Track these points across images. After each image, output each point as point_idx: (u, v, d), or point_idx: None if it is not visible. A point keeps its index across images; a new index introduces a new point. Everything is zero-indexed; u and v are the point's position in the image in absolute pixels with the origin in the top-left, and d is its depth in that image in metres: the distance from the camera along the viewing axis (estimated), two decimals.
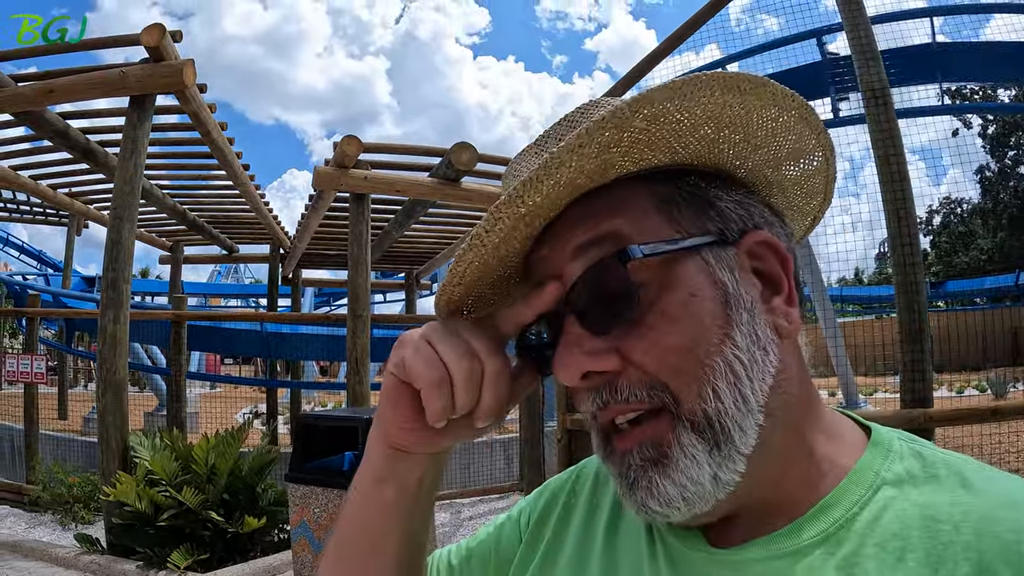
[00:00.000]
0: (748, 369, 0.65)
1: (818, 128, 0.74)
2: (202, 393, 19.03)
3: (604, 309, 0.67)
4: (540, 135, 0.81)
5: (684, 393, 0.65)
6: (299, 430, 5.10)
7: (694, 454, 0.64)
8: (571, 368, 0.67)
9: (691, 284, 0.67)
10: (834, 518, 0.65)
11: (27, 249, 28.77)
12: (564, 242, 0.70)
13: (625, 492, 0.68)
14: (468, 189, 9.06)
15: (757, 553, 0.67)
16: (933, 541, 0.60)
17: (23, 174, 11.20)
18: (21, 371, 9.57)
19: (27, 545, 7.04)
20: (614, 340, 0.66)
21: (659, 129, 0.67)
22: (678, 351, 0.65)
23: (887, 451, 0.70)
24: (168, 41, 7.02)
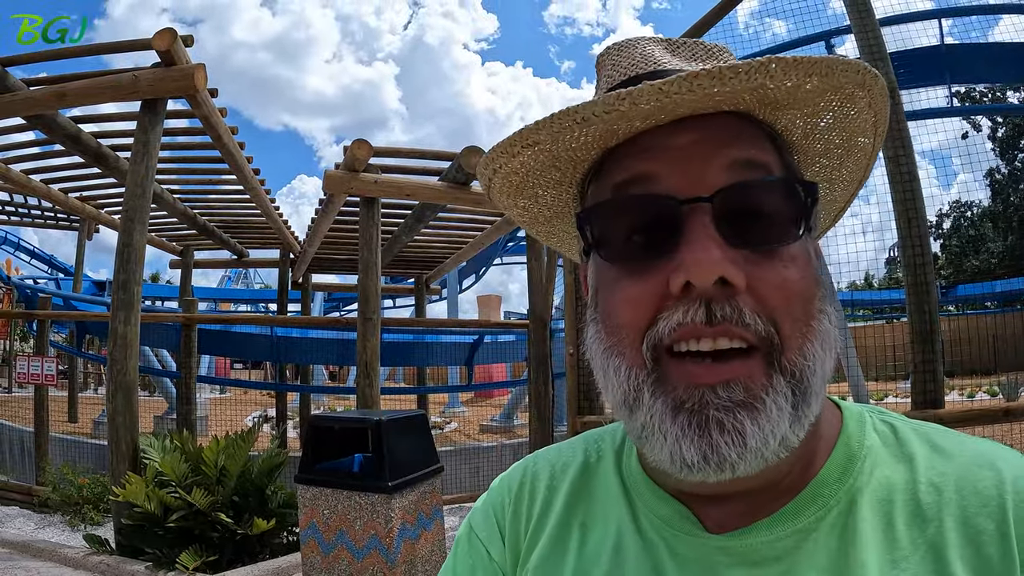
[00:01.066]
0: (830, 343, 0.65)
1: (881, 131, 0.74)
2: (211, 397, 19.10)
3: (756, 226, 0.64)
4: (671, 38, 0.80)
5: (790, 341, 0.63)
6: (309, 432, 5.11)
7: (782, 406, 0.61)
8: (713, 266, 0.61)
9: (810, 246, 0.69)
10: (830, 494, 0.68)
11: (38, 253, 28.91)
12: (715, 144, 0.66)
13: (686, 432, 0.62)
14: (478, 193, 9.07)
15: (764, 536, 0.67)
16: (917, 505, 0.65)
17: (35, 178, 11.28)
18: (32, 373, 9.62)
19: (37, 545, 7.06)
20: (743, 259, 0.63)
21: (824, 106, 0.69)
22: (799, 298, 0.64)
23: (862, 425, 0.74)
24: (179, 45, 7.06)
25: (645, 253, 0.66)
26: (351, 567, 4.65)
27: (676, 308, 0.63)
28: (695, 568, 0.69)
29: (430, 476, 5.09)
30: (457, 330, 14.34)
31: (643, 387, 0.64)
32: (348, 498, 4.71)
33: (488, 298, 33.62)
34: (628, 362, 0.66)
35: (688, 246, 0.62)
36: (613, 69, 0.77)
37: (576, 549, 0.78)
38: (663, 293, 0.64)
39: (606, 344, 0.68)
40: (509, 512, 0.88)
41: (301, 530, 4.94)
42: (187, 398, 9.77)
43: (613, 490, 0.81)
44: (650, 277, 0.65)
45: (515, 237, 21.46)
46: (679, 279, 0.62)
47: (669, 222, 0.64)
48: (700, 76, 0.59)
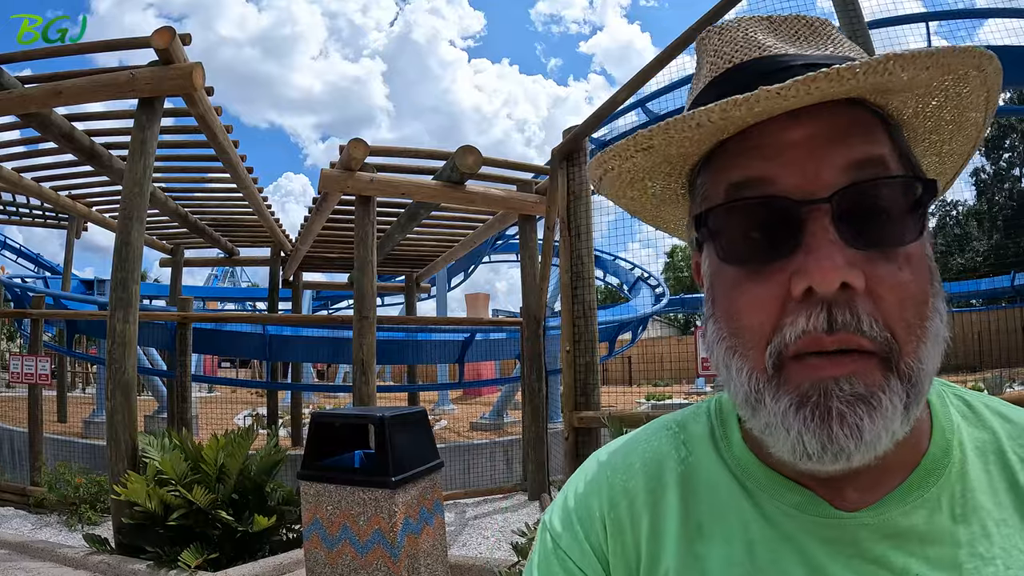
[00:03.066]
0: (939, 343, 0.67)
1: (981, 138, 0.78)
2: (199, 397, 19.06)
3: (874, 227, 0.65)
4: (771, 17, 0.78)
5: (907, 346, 0.64)
6: (312, 429, 5.15)
7: (896, 405, 0.63)
8: (836, 272, 0.61)
9: (927, 244, 0.69)
10: (944, 467, 0.72)
11: (24, 252, 28.71)
12: (830, 142, 0.66)
13: (808, 424, 0.63)
14: (472, 192, 9.13)
15: (898, 508, 0.70)
16: (1006, 466, 0.72)
17: (26, 176, 11.24)
18: (25, 372, 9.59)
19: (35, 546, 7.06)
20: (862, 261, 0.63)
21: (938, 85, 0.70)
22: (917, 300, 0.65)
23: (944, 400, 0.78)
24: (178, 43, 7.07)
25: (764, 256, 0.66)
26: (355, 562, 4.69)
27: (799, 314, 0.63)
28: (842, 547, 0.70)
29: (431, 471, 5.13)
30: (449, 328, 14.37)
31: (764, 391, 0.66)
32: (351, 494, 4.75)
33: (476, 296, 33.63)
34: (750, 365, 0.67)
35: (810, 251, 0.63)
36: (716, 56, 0.77)
37: (709, 552, 0.75)
38: (784, 296, 0.65)
39: (728, 344, 0.69)
40: (607, 524, 0.82)
41: (304, 526, 4.98)
42: (183, 396, 9.78)
43: (724, 484, 0.79)
44: (770, 280, 0.66)
45: (504, 235, 21.50)
46: (801, 284, 0.63)
47: (788, 225, 0.65)
48: (818, 79, 0.60)
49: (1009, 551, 0.67)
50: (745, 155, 0.69)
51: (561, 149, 6.43)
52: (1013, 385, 18.78)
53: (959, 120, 0.75)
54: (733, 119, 0.65)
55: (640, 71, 5.74)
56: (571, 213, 6.20)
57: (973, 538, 0.68)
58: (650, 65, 5.65)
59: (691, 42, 6.01)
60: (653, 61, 5.63)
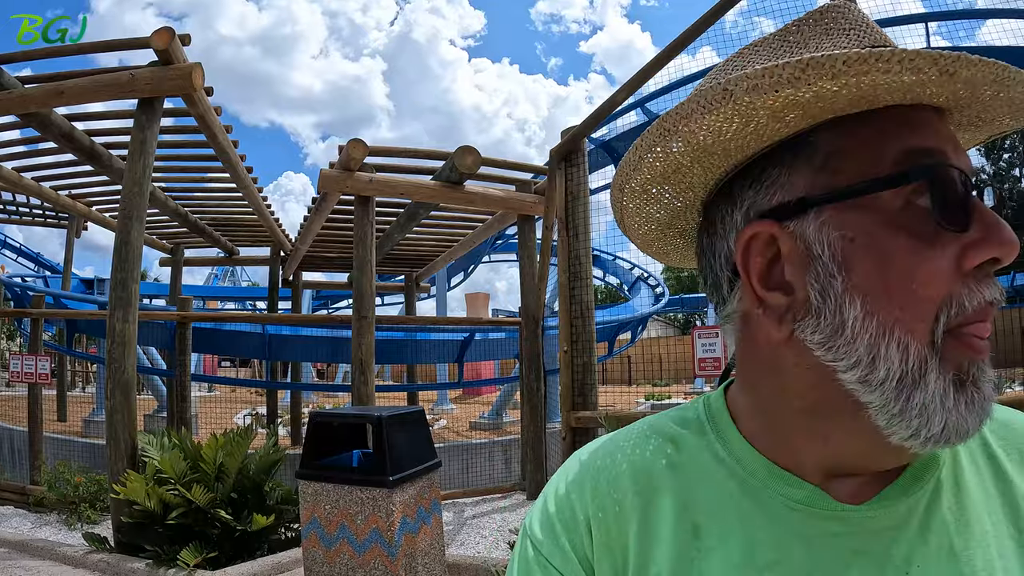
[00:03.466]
0: None
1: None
2: (199, 396, 19.09)
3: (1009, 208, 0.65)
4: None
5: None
6: (310, 428, 5.17)
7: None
8: (1016, 244, 0.63)
9: None
10: (935, 463, 0.74)
11: (24, 251, 28.74)
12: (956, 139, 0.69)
13: (970, 405, 0.63)
14: (471, 192, 9.15)
15: (902, 499, 0.71)
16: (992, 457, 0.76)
17: (26, 176, 11.26)
18: (26, 371, 9.62)
19: (35, 544, 7.09)
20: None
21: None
22: None
23: None
24: (177, 44, 7.09)
25: (942, 226, 0.63)
26: (353, 560, 4.72)
27: (976, 286, 0.63)
28: (847, 540, 0.70)
29: (429, 471, 5.15)
30: (448, 328, 14.39)
31: (929, 367, 0.63)
32: (350, 493, 4.78)
33: (476, 296, 33.63)
34: (917, 339, 0.63)
35: (989, 224, 0.63)
36: (860, 30, 0.72)
37: (707, 553, 0.74)
38: (955, 268, 0.62)
39: (886, 315, 0.63)
40: (591, 527, 0.80)
41: (303, 525, 5.00)
42: (182, 396, 9.80)
43: (721, 481, 0.77)
44: (943, 252, 0.63)
45: (504, 235, 21.51)
46: (982, 254, 0.62)
47: (966, 198, 0.63)
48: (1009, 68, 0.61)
49: (1000, 538, 0.70)
50: (918, 126, 0.66)
51: (559, 150, 6.45)
52: (1013, 386, 18.72)
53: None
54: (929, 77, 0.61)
55: (639, 72, 5.74)
56: (569, 213, 6.22)
57: (968, 525, 0.70)
58: (648, 66, 5.66)
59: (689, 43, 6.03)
60: (652, 62, 5.64)
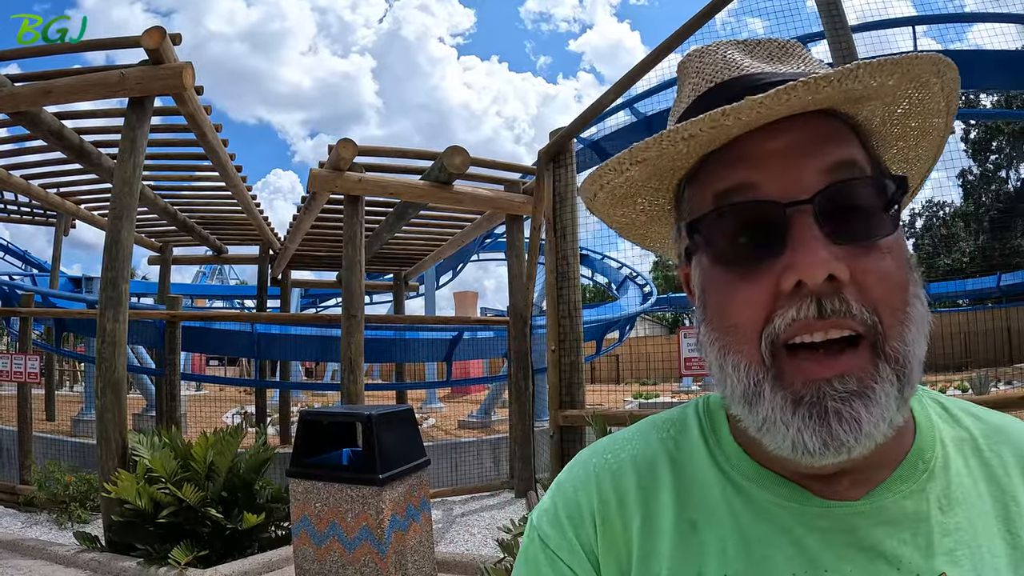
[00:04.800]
0: (923, 327, 0.71)
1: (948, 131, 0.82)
2: (188, 395, 19.05)
3: (854, 223, 0.69)
4: (745, 40, 0.85)
5: (892, 329, 0.68)
6: (300, 427, 5.21)
7: (889, 392, 0.67)
8: (823, 265, 0.66)
9: (903, 237, 0.74)
10: (929, 459, 0.77)
11: (12, 249, 28.54)
12: (809, 148, 0.71)
13: (807, 423, 0.67)
14: (460, 192, 9.18)
15: (889, 497, 0.74)
16: (984, 462, 0.78)
17: (14, 173, 11.23)
18: (14, 371, 9.60)
19: (26, 544, 7.09)
20: (845, 254, 0.68)
21: (902, 94, 0.75)
22: (899, 287, 0.70)
23: (921, 400, 0.83)
24: (168, 43, 7.10)
25: (754, 256, 0.70)
26: (343, 558, 4.76)
27: (789, 305, 0.68)
28: (836, 535, 0.73)
29: (418, 469, 5.20)
30: (437, 327, 14.41)
31: (763, 383, 0.69)
32: (340, 491, 4.82)
33: (464, 295, 33.65)
34: (747, 359, 0.71)
35: (797, 248, 0.68)
36: (698, 76, 0.82)
37: (704, 547, 0.77)
38: (775, 292, 0.69)
39: (721, 343, 0.73)
40: (596, 521, 0.83)
41: (293, 523, 5.03)
42: (171, 394, 9.80)
43: (714, 480, 0.81)
44: (761, 278, 0.69)
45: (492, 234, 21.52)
46: (791, 279, 0.67)
47: (775, 226, 0.69)
48: (797, 88, 0.65)
49: (991, 538, 0.72)
50: (730, 166, 0.73)
51: (547, 150, 6.48)
52: (998, 385, 18.87)
53: (924, 127, 0.80)
54: (722, 128, 0.69)
55: (628, 73, 5.77)
56: (557, 213, 6.25)
57: (960, 526, 0.72)
58: (638, 67, 5.69)
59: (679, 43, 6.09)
60: (640, 63, 5.67)
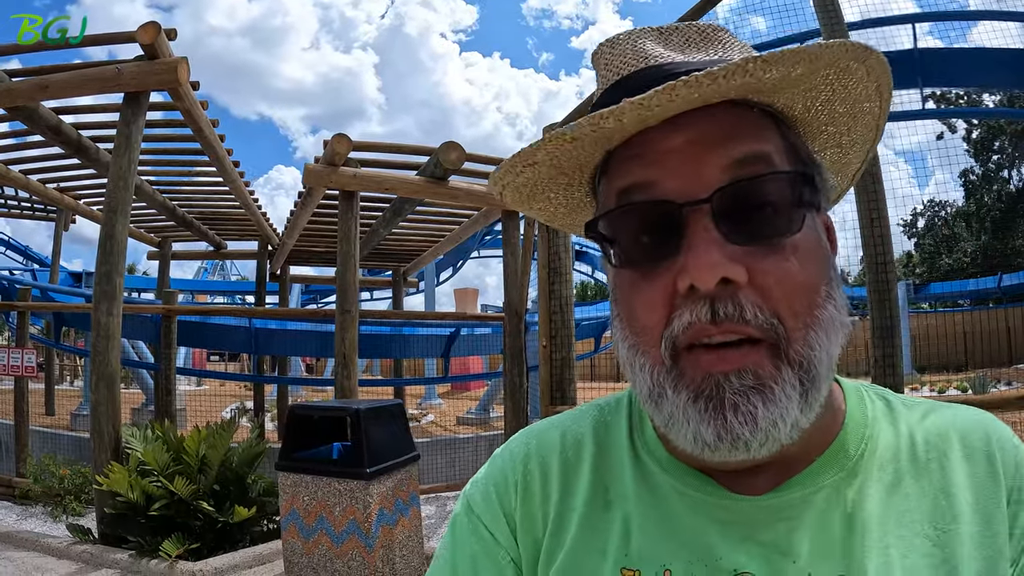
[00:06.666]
0: (837, 329, 0.69)
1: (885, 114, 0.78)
2: (187, 390, 19.07)
3: (755, 222, 0.67)
4: (664, 27, 0.80)
5: (795, 333, 0.66)
6: (290, 421, 5.23)
7: (790, 394, 0.65)
8: (714, 269, 0.64)
9: (816, 231, 0.72)
10: (849, 456, 0.75)
11: (12, 244, 28.56)
12: (711, 143, 0.68)
13: (703, 415, 0.66)
14: (456, 188, 9.18)
15: (795, 493, 0.73)
16: (918, 458, 0.75)
17: (13, 168, 11.26)
18: (12, 365, 9.63)
19: (19, 536, 7.11)
20: (744, 255, 0.66)
21: (821, 82, 0.72)
22: (803, 289, 0.67)
23: (861, 397, 0.81)
24: (163, 39, 7.13)
25: (652, 257, 0.69)
26: (331, 551, 4.78)
27: (684, 308, 0.66)
28: (735, 528, 0.73)
29: (407, 464, 5.22)
30: (434, 322, 14.42)
31: (665, 383, 0.69)
32: (328, 484, 4.84)
33: (465, 291, 33.64)
34: (651, 360, 0.70)
35: (690, 250, 0.66)
36: (607, 69, 0.79)
37: (610, 527, 0.79)
38: (672, 293, 0.67)
39: (630, 342, 0.72)
40: (519, 490, 0.85)
41: (282, 516, 5.06)
42: (167, 389, 9.83)
43: (628, 465, 0.82)
44: (659, 280, 0.68)
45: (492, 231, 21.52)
46: (684, 282, 0.66)
47: (671, 226, 0.68)
48: (677, 87, 0.62)
49: (909, 537, 0.70)
50: (630, 162, 0.71)
51: None
52: (998, 385, 18.83)
53: (853, 111, 0.77)
54: (605, 131, 0.68)
55: None
56: None
57: (869, 525, 0.70)
58: None
59: None
60: None
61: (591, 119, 0.66)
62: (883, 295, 4.72)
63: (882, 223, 4.84)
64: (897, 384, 4.65)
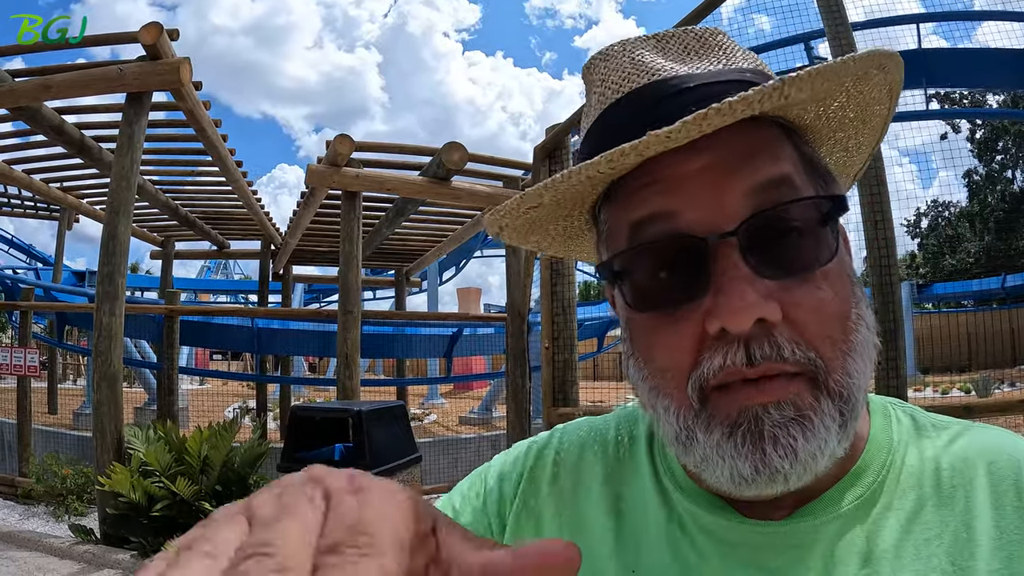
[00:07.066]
0: (870, 352, 0.66)
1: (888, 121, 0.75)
2: (190, 389, 19.08)
3: (786, 254, 0.63)
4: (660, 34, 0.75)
5: (833, 362, 0.62)
6: (291, 422, 5.23)
7: (829, 425, 0.62)
8: (751, 309, 0.59)
9: (843, 254, 0.67)
10: (867, 483, 0.70)
11: (16, 243, 28.56)
12: (733, 166, 0.64)
13: (740, 449, 0.62)
14: (458, 188, 9.18)
15: (808, 521, 0.68)
16: (942, 486, 0.69)
17: (16, 168, 11.27)
18: (14, 364, 9.64)
19: (22, 536, 7.13)
20: (776, 289, 0.61)
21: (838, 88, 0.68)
22: (839, 316, 0.63)
23: (888, 417, 0.76)
24: (165, 39, 7.14)
25: (676, 298, 0.64)
26: None
27: (716, 351, 0.62)
28: (742, 551, 0.70)
29: (409, 465, 5.21)
30: (437, 323, 14.42)
31: (695, 426, 0.64)
32: None
33: (468, 291, 33.62)
34: (676, 403, 0.65)
35: (720, 291, 0.61)
36: (603, 84, 0.74)
37: (612, 532, 0.77)
38: (701, 335, 0.63)
39: (651, 384, 0.68)
40: (523, 476, 0.85)
41: None
42: (169, 389, 9.84)
43: (647, 478, 0.79)
44: (685, 321, 0.64)
45: None
46: (715, 325, 0.61)
47: (696, 263, 0.63)
48: (709, 115, 0.57)
49: (926, 571, 0.65)
50: (645, 190, 0.66)
51: (543, 147, 6.48)
52: (1002, 387, 18.75)
53: (863, 116, 0.73)
54: (624, 167, 0.63)
55: None
56: None
57: (883, 557, 0.66)
58: None
59: None
60: None
61: (610, 158, 0.61)
62: (887, 297, 4.69)
63: (886, 225, 4.82)
64: (900, 387, 4.62)
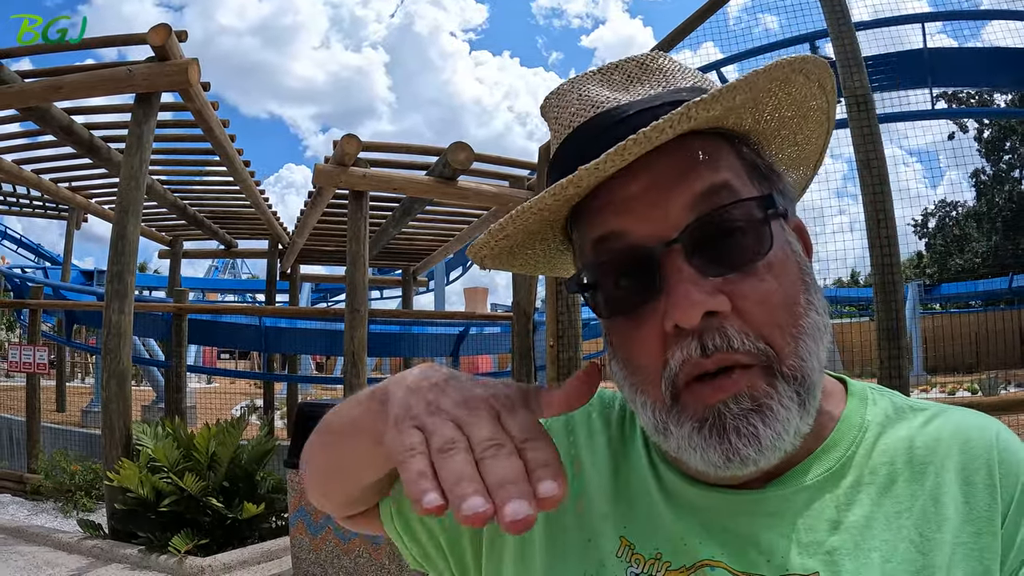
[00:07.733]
0: (822, 333, 0.72)
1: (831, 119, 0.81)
2: (198, 388, 19.15)
3: (727, 252, 0.69)
4: (604, 67, 0.82)
5: (784, 349, 0.69)
6: (298, 418, 5.28)
7: (788, 406, 0.68)
8: (696, 306, 0.66)
9: (787, 242, 0.74)
10: (835, 458, 0.76)
11: (25, 242, 28.69)
12: (672, 182, 0.70)
13: (708, 441, 0.68)
14: (464, 187, 9.21)
15: (778, 491, 0.74)
16: (914, 463, 0.75)
17: (25, 168, 11.34)
18: (24, 362, 9.72)
19: (31, 531, 7.20)
20: (723, 285, 0.68)
21: (764, 95, 0.74)
22: (784, 306, 0.70)
23: (864, 399, 0.82)
24: (174, 40, 7.18)
25: (636, 303, 0.71)
26: (338, 548, 4.82)
27: (676, 347, 0.68)
28: (721, 518, 0.75)
29: None
30: (443, 322, 14.45)
31: (668, 420, 0.71)
32: None
33: (475, 290, 33.69)
34: (651, 399, 0.72)
35: (670, 291, 0.68)
36: (557, 122, 0.81)
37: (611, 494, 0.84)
38: (663, 334, 0.69)
39: (630, 381, 0.75)
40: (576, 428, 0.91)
41: (290, 513, 5.10)
42: (177, 387, 9.90)
43: (642, 454, 0.86)
44: (648, 323, 0.70)
45: None
46: (669, 323, 0.68)
47: (648, 270, 0.69)
48: (628, 146, 0.64)
49: (894, 542, 0.70)
50: (601, 212, 0.73)
51: (547, 146, 6.51)
52: (1008, 387, 18.67)
53: (801, 112, 0.78)
54: (568, 198, 0.72)
55: None
56: None
57: (853, 526, 0.72)
58: None
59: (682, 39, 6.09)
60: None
61: (553, 192, 0.70)
62: (889, 296, 4.71)
63: (888, 224, 4.84)
64: (903, 386, 4.64)
